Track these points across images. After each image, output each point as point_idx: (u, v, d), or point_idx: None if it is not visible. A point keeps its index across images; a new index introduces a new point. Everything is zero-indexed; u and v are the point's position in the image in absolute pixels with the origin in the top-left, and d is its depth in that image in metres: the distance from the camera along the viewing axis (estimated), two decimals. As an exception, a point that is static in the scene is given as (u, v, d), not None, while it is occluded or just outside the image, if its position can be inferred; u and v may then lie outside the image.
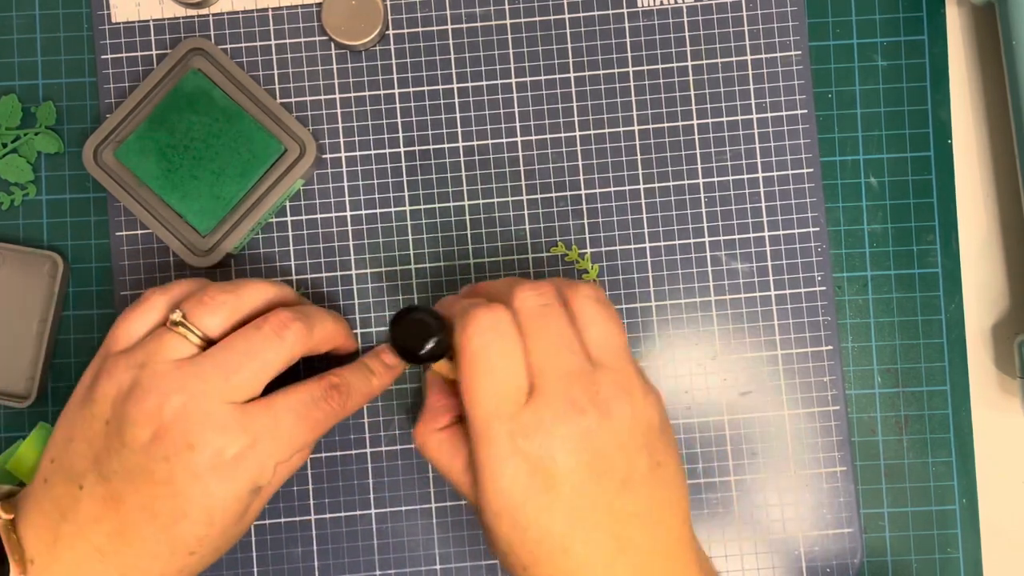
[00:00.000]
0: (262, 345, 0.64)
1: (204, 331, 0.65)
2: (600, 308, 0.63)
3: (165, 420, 0.61)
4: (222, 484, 0.62)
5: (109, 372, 0.64)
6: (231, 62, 0.75)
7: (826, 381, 0.76)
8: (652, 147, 0.77)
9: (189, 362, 0.63)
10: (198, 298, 0.65)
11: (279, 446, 0.64)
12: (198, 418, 0.61)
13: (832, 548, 0.76)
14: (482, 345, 0.60)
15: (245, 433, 0.62)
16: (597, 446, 0.59)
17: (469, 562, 0.76)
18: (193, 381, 0.62)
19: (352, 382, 0.69)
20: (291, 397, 0.65)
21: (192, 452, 0.61)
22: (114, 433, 0.62)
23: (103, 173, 0.74)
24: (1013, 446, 0.79)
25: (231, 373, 0.63)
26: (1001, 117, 0.79)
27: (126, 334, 0.66)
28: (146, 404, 0.61)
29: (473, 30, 0.77)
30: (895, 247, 0.78)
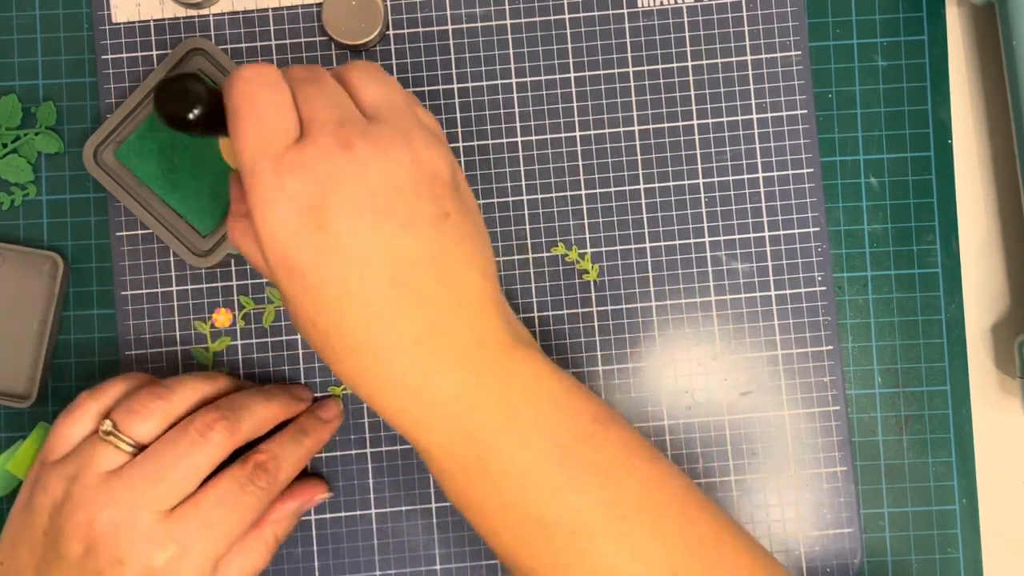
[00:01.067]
0: (188, 449, 0.64)
1: (135, 439, 0.65)
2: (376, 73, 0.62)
3: (95, 534, 0.62)
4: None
5: (44, 484, 0.65)
6: (232, 63, 0.75)
7: (826, 381, 0.76)
8: (652, 147, 0.77)
9: (117, 474, 0.63)
10: (128, 405, 0.66)
11: (212, 545, 0.64)
12: (126, 532, 0.62)
13: (832, 548, 0.76)
14: (246, 92, 0.58)
15: (174, 542, 0.62)
16: (370, 182, 0.57)
17: (469, 562, 0.76)
18: (122, 492, 0.63)
19: (280, 453, 0.68)
20: (217, 489, 0.65)
21: (123, 567, 0.62)
22: (51, 545, 0.63)
23: (103, 173, 0.74)
24: (1013, 446, 0.79)
25: (158, 482, 0.63)
26: (1001, 117, 0.79)
27: (61, 441, 0.66)
28: (76, 519, 0.62)
29: (473, 30, 0.77)
30: (895, 247, 0.78)
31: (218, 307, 0.77)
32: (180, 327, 0.77)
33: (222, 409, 0.66)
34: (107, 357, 0.77)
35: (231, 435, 0.65)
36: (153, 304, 0.77)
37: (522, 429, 0.59)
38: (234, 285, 0.77)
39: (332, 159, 0.56)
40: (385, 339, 0.58)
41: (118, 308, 0.77)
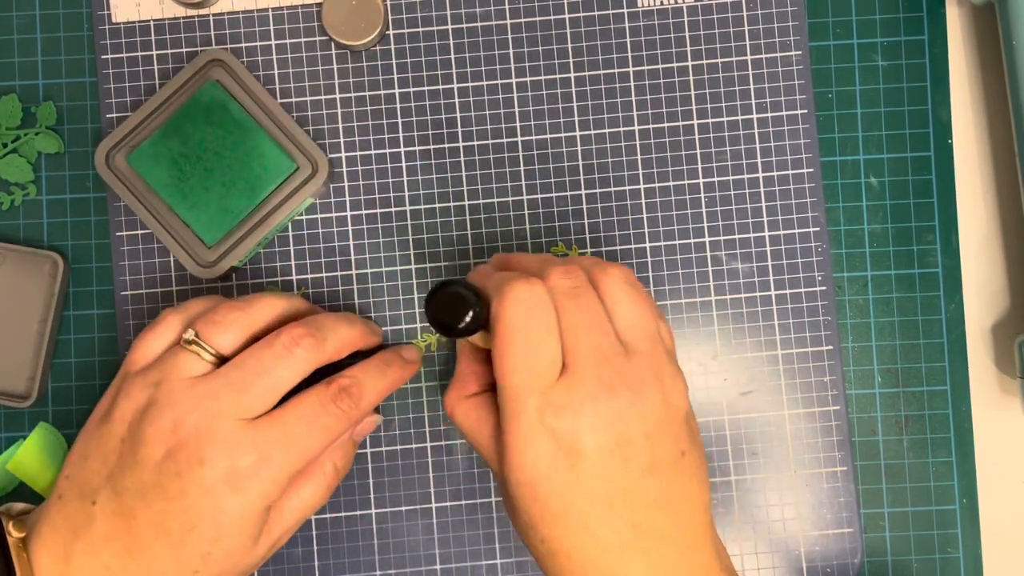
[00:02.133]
0: (273, 362, 0.64)
1: (217, 349, 0.65)
2: (630, 290, 0.64)
3: (178, 438, 0.62)
4: (233, 497, 0.62)
5: (126, 392, 0.65)
6: (250, 76, 0.74)
7: (826, 381, 0.76)
8: (652, 147, 0.77)
9: (202, 380, 0.64)
10: (210, 317, 0.66)
11: (291, 457, 0.64)
12: (210, 436, 0.62)
13: (832, 548, 0.76)
14: (520, 316, 0.60)
15: (255, 448, 0.63)
16: (625, 429, 0.60)
17: (469, 562, 0.76)
18: (206, 400, 0.63)
19: (364, 380, 0.68)
20: (301, 406, 0.65)
21: (203, 467, 0.62)
22: (128, 451, 0.63)
23: (114, 177, 0.74)
24: (1013, 446, 0.79)
25: (243, 391, 0.63)
26: (1001, 117, 0.79)
27: (143, 354, 0.67)
28: (160, 423, 0.62)
29: (473, 30, 0.77)
30: (895, 247, 0.78)
31: (218, 307, 0.77)
32: (180, 327, 0.77)
33: (308, 326, 0.67)
34: (107, 357, 0.77)
35: (315, 352, 0.66)
36: (153, 304, 0.77)
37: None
38: (234, 285, 0.77)
39: (595, 402, 0.59)
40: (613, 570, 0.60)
41: (118, 308, 0.77)
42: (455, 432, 0.77)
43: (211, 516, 0.62)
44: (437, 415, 0.77)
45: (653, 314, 0.64)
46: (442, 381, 0.77)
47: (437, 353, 0.77)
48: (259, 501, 0.63)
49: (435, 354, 0.77)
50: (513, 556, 0.76)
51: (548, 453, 0.59)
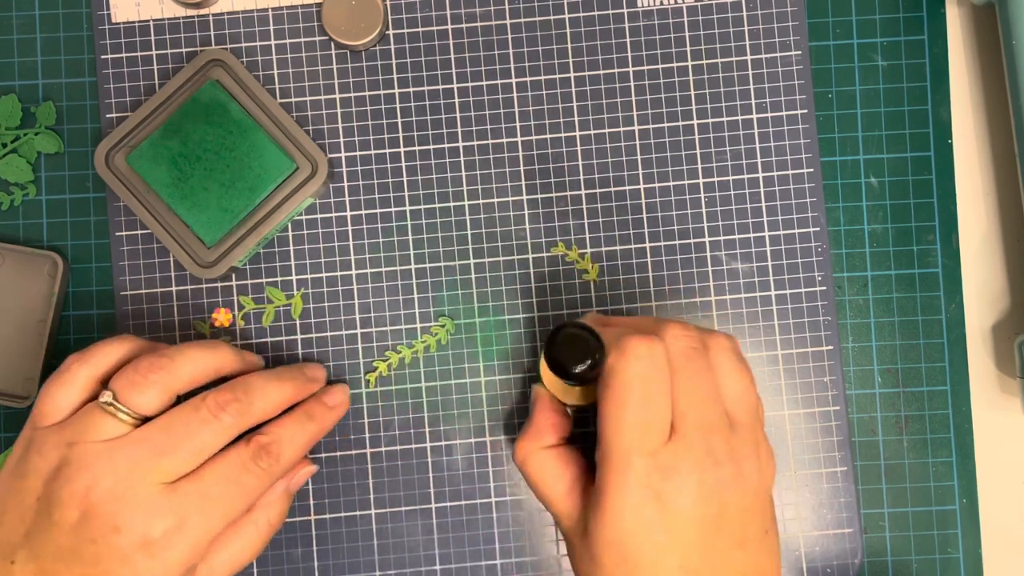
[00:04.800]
0: (199, 427, 0.64)
1: (136, 410, 0.64)
2: (737, 363, 0.64)
3: (93, 502, 0.61)
4: (151, 564, 0.61)
5: (39, 448, 0.63)
6: (250, 76, 0.75)
7: (826, 381, 0.76)
8: (652, 147, 0.77)
9: (120, 443, 0.63)
10: (129, 376, 0.64)
11: (210, 521, 0.63)
12: (125, 501, 0.61)
13: (832, 548, 0.76)
14: (638, 375, 0.60)
15: (173, 513, 0.62)
16: (724, 501, 0.60)
17: (469, 563, 0.76)
18: (124, 462, 0.62)
19: (283, 436, 0.68)
20: (219, 466, 0.64)
21: (119, 535, 0.61)
22: (44, 511, 0.62)
23: (114, 177, 0.74)
24: (1013, 446, 0.79)
25: (164, 455, 0.62)
26: (1001, 117, 0.79)
27: (52, 407, 0.65)
28: (74, 485, 0.61)
29: (473, 30, 0.77)
30: (895, 247, 0.78)
31: (218, 307, 0.77)
32: (180, 327, 0.77)
33: (236, 390, 0.66)
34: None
35: (242, 417, 0.65)
36: (153, 304, 0.77)
37: None
38: (234, 285, 0.77)
39: (701, 471, 0.60)
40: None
41: (118, 308, 0.77)
42: (455, 432, 0.77)
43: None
44: (437, 415, 0.77)
45: (754, 388, 0.65)
46: (441, 381, 0.77)
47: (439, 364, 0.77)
48: (177, 567, 0.62)
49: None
50: (513, 557, 0.76)
51: (647, 514, 0.59)
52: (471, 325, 0.77)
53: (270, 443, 0.66)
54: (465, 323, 0.77)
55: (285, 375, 0.70)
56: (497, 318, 0.77)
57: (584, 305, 0.77)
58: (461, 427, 0.77)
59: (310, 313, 0.77)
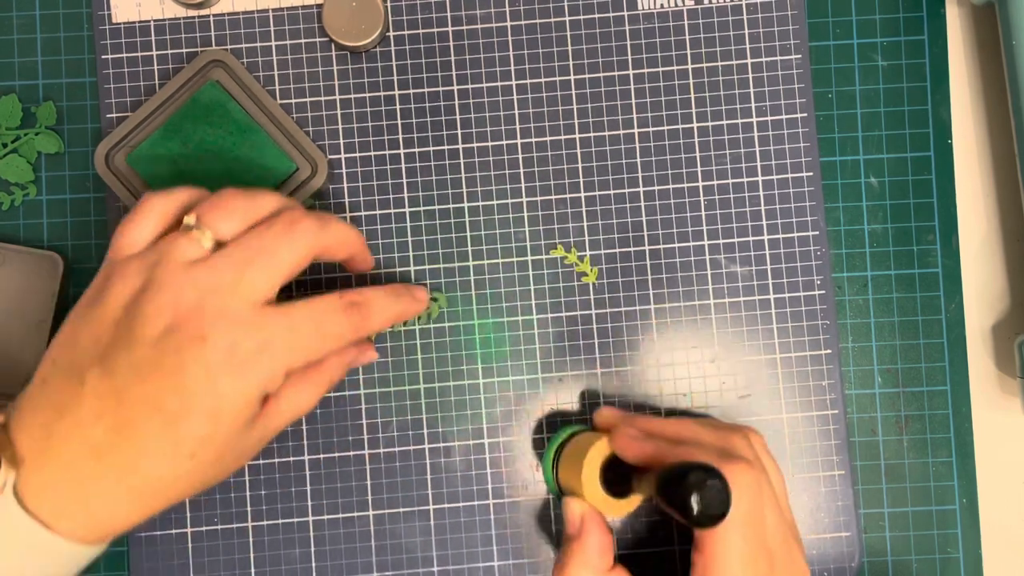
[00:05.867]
0: (273, 242, 0.62)
1: (217, 235, 0.63)
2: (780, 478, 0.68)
3: (179, 314, 0.59)
4: (232, 381, 0.60)
5: (120, 274, 0.62)
6: (250, 76, 0.75)
7: (825, 385, 0.77)
8: (652, 149, 0.77)
9: (202, 262, 0.61)
10: (212, 201, 0.64)
11: (293, 352, 0.62)
12: (212, 312, 0.60)
13: (830, 551, 0.76)
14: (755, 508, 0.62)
15: (259, 331, 0.61)
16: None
17: (467, 564, 0.76)
18: (207, 277, 0.61)
19: (375, 300, 0.67)
20: (310, 305, 0.63)
21: (204, 345, 0.59)
22: (124, 330, 0.60)
23: (114, 177, 0.74)
24: (1013, 446, 0.79)
25: (245, 267, 0.61)
26: (1001, 117, 0.79)
27: (130, 241, 0.64)
28: (159, 299, 0.60)
29: (474, 32, 0.77)
30: (895, 247, 0.78)
31: (218, 308, 0.77)
32: (180, 328, 0.77)
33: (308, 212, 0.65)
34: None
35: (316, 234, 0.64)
36: (153, 305, 0.77)
37: None
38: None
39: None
40: None
41: (118, 308, 0.77)
42: (453, 434, 0.77)
43: (208, 399, 0.59)
44: (435, 417, 0.77)
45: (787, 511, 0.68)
46: (440, 383, 0.77)
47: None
48: (256, 387, 0.61)
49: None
50: (511, 558, 0.76)
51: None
52: (470, 327, 0.77)
53: (361, 301, 0.66)
54: (464, 325, 0.77)
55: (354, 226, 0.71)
56: (496, 320, 0.77)
57: (583, 308, 0.77)
58: (460, 429, 0.77)
59: (310, 314, 0.77)
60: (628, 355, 0.77)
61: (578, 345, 0.77)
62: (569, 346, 0.77)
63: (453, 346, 0.77)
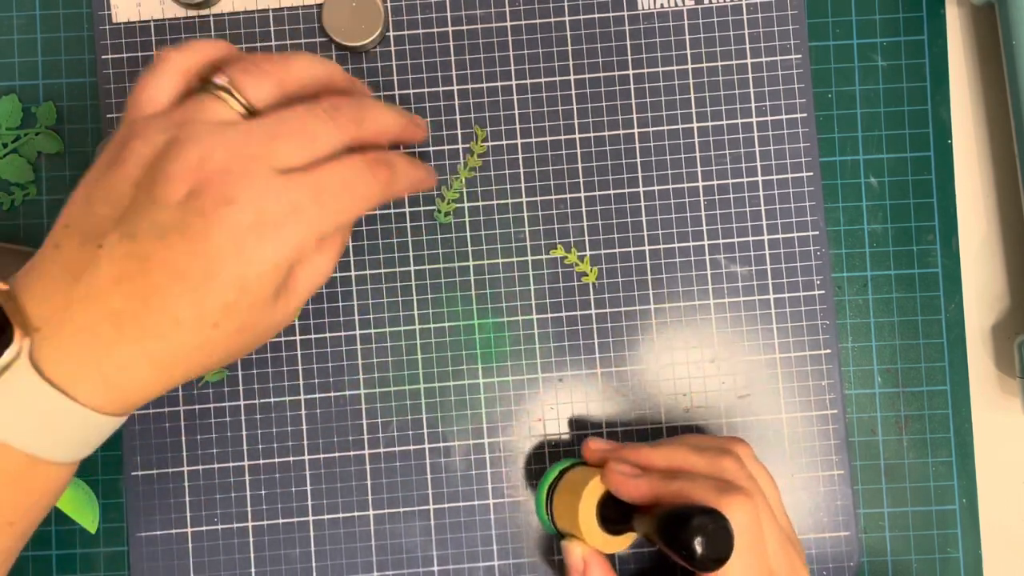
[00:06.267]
0: (313, 124, 0.60)
1: (249, 100, 0.60)
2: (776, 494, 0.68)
3: (205, 174, 0.56)
4: (260, 246, 0.57)
5: (140, 133, 0.59)
6: None
7: (824, 384, 0.77)
8: (652, 149, 0.77)
9: (232, 124, 0.59)
10: (242, 64, 0.61)
11: (324, 216, 0.59)
12: (241, 175, 0.57)
13: (829, 551, 0.76)
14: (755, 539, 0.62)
15: (288, 197, 0.58)
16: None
17: (467, 564, 0.76)
18: (238, 141, 0.58)
19: (399, 164, 0.64)
20: (339, 166, 0.60)
21: (231, 208, 0.56)
22: (144, 191, 0.57)
23: None
24: (1013, 446, 0.79)
25: (278, 138, 0.59)
26: (1001, 117, 0.79)
27: (149, 96, 0.61)
28: (185, 158, 0.57)
29: (474, 32, 0.77)
30: (895, 247, 0.78)
31: (218, 308, 0.77)
32: (180, 327, 0.77)
33: (351, 100, 0.63)
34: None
35: (356, 126, 0.62)
36: (153, 304, 0.77)
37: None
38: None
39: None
40: None
41: (118, 308, 0.77)
42: (453, 434, 0.77)
43: (234, 264, 0.56)
44: (435, 417, 0.77)
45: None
46: (440, 383, 0.77)
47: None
48: (285, 254, 0.58)
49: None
50: (511, 558, 0.76)
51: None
52: (470, 327, 0.77)
53: (387, 161, 0.63)
54: (464, 325, 0.77)
55: (396, 108, 0.67)
56: (496, 320, 0.77)
57: (583, 308, 0.77)
58: (460, 429, 0.77)
59: (309, 314, 0.77)
60: (628, 355, 0.77)
61: (578, 345, 0.77)
62: (569, 346, 0.77)
63: (453, 346, 0.77)
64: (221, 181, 0.56)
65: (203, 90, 0.60)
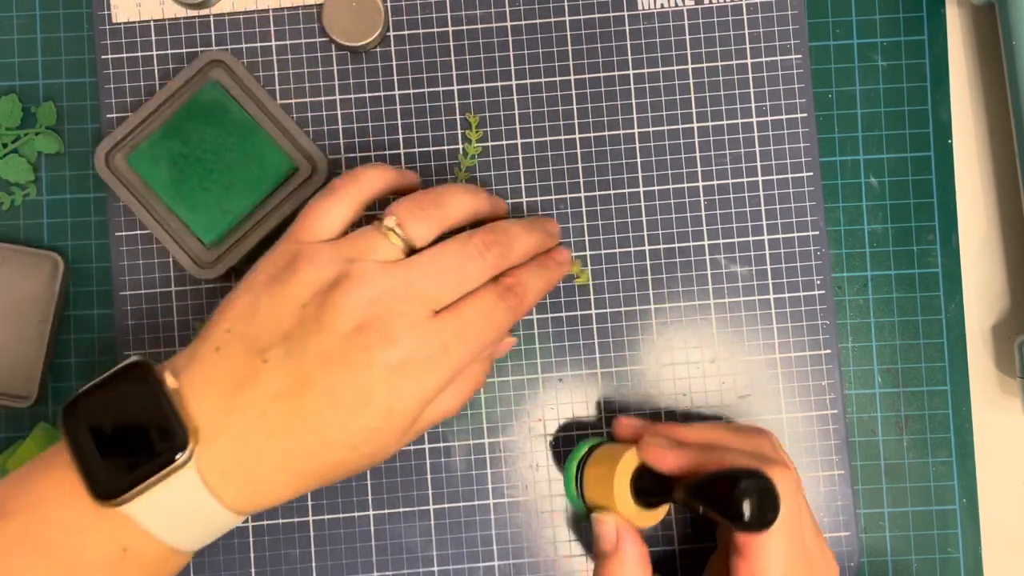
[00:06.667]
0: (465, 263, 0.65)
1: (411, 240, 0.66)
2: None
3: (373, 314, 0.62)
4: (410, 384, 0.62)
5: (311, 259, 0.64)
6: (250, 76, 0.75)
7: (824, 385, 0.77)
8: (652, 149, 0.77)
9: (398, 266, 0.64)
10: (409, 207, 0.66)
11: (467, 350, 0.64)
12: (402, 316, 0.62)
13: (830, 551, 0.76)
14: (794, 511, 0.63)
15: (440, 338, 0.63)
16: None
17: (467, 564, 0.76)
18: (401, 284, 0.63)
19: (527, 280, 0.68)
20: (476, 300, 0.65)
21: (394, 347, 0.61)
22: (312, 317, 0.62)
23: (114, 177, 0.74)
24: (1013, 446, 0.79)
25: (436, 282, 0.64)
26: (1001, 117, 0.79)
27: (321, 224, 0.66)
28: (355, 295, 0.62)
29: (474, 32, 0.77)
30: (895, 247, 0.78)
31: (217, 308, 0.77)
32: (179, 327, 0.77)
33: (498, 233, 0.68)
34: (107, 357, 0.77)
35: (503, 259, 0.67)
36: (152, 304, 0.77)
37: None
38: (233, 286, 0.77)
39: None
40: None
41: (117, 308, 0.77)
42: (453, 434, 0.77)
43: (385, 395, 0.61)
44: (436, 417, 0.77)
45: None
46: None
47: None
48: (433, 390, 0.63)
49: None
50: (511, 558, 0.76)
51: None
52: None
53: (515, 284, 0.67)
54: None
55: (535, 226, 0.72)
56: (496, 320, 0.77)
57: (583, 308, 0.77)
58: (460, 428, 0.77)
59: (310, 314, 0.77)
60: (628, 355, 0.77)
61: (578, 345, 0.77)
62: (569, 346, 0.77)
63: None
64: (387, 321, 0.62)
65: (372, 227, 0.66)
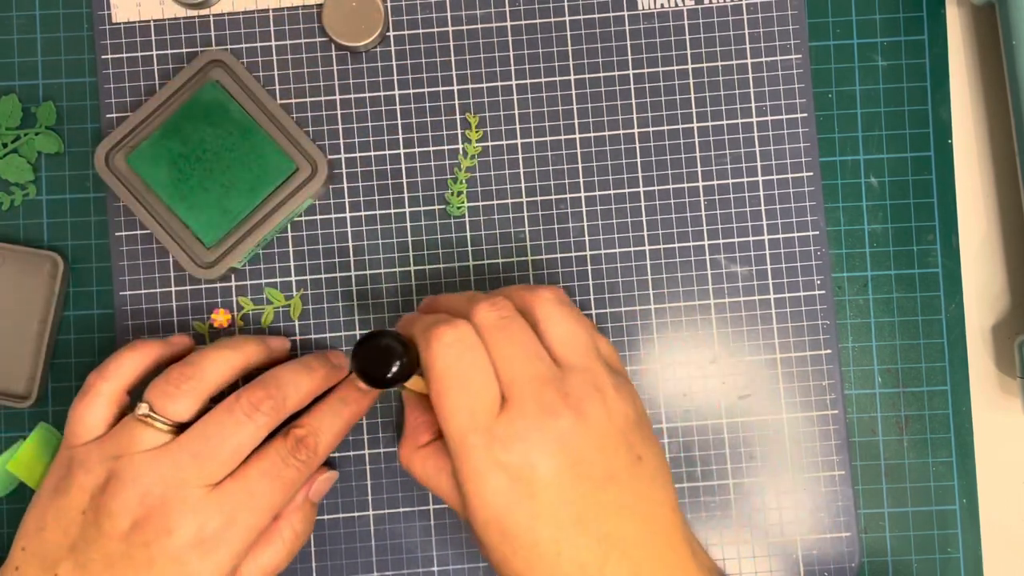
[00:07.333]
0: (235, 429, 0.65)
1: (173, 419, 0.65)
2: (561, 308, 0.64)
3: (145, 510, 0.62)
4: (203, 562, 0.63)
5: (82, 463, 0.65)
6: (250, 77, 0.75)
7: (825, 385, 0.76)
8: (652, 149, 0.77)
9: (164, 451, 0.64)
10: (162, 388, 0.66)
11: (257, 516, 0.65)
12: (176, 505, 0.63)
13: (830, 551, 0.76)
14: (449, 361, 0.61)
15: (222, 512, 0.63)
16: (575, 447, 0.60)
17: (467, 564, 0.76)
18: (170, 470, 0.63)
19: (319, 427, 0.69)
20: (261, 462, 0.66)
21: (171, 536, 0.62)
22: (91, 523, 0.63)
23: (114, 177, 0.74)
24: (1013, 446, 0.79)
25: (206, 460, 0.64)
26: (1001, 117, 0.79)
27: (84, 427, 0.67)
28: (125, 495, 0.63)
29: (474, 32, 0.77)
30: (895, 247, 0.78)
31: (217, 308, 0.77)
32: (179, 327, 0.77)
33: (267, 387, 0.67)
34: (106, 357, 0.77)
35: (276, 413, 0.66)
36: (152, 304, 0.77)
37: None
38: (233, 286, 0.77)
39: (540, 429, 0.60)
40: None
41: (117, 308, 0.77)
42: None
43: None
44: (436, 417, 0.77)
45: (586, 329, 0.64)
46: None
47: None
48: (228, 562, 0.64)
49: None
50: (511, 558, 0.76)
51: (504, 488, 0.59)
52: (470, 327, 0.77)
53: (306, 435, 0.67)
54: (464, 324, 0.77)
55: (313, 364, 0.71)
56: (496, 320, 0.77)
57: (583, 308, 0.77)
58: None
59: (309, 314, 0.77)
60: (628, 355, 0.77)
61: (578, 345, 0.77)
62: (569, 346, 0.77)
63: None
64: (160, 513, 0.62)
65: (132, 416, 0.66)
